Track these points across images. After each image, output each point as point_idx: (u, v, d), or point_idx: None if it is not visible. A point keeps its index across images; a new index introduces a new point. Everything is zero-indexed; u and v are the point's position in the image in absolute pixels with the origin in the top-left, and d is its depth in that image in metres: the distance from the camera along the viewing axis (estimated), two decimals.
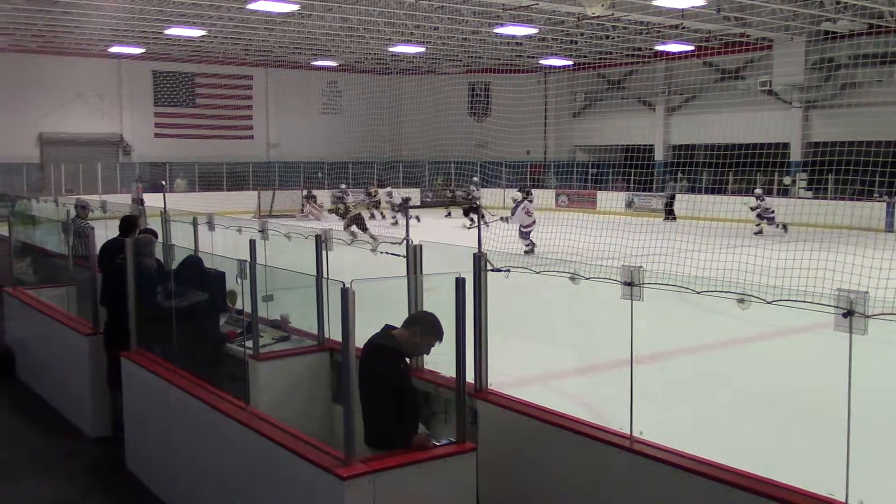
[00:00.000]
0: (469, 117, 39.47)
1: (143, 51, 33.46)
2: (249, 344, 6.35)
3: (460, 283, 4.65)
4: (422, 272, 5.70)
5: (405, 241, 6.01)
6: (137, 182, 32.23)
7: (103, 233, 8.56)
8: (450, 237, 19.03)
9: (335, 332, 5.93)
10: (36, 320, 9.15)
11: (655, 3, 23.15)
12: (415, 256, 5.71)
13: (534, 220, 20.87)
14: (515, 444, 5.08)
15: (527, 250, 19.82)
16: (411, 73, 38.67)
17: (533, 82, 38.70)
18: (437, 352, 4.96)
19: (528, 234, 20.41)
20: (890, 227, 25.08)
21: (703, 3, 23.68)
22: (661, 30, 28.23)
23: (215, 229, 8.62)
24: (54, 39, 31.09)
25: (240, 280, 6.18)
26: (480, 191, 32.73)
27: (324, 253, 6.41)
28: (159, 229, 8.96)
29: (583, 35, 30.52)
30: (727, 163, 28.18)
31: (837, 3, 23.93)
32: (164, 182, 31.59)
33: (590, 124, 38.08)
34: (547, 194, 34.98)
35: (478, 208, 28.95)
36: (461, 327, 4.60)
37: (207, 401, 5.62)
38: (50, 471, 6.98)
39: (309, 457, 4.50)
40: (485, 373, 5.31)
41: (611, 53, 33.87)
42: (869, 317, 3.48)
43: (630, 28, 28.52)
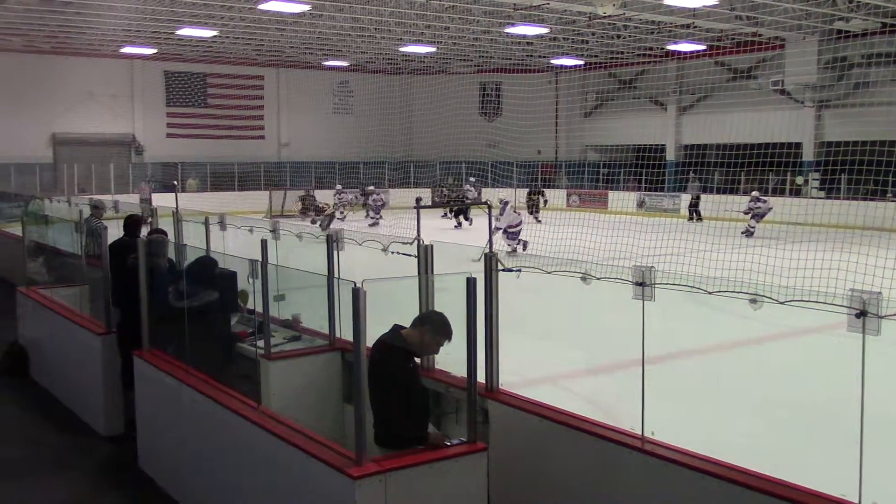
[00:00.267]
0: (480, 117, 39.42)
1: (155, 51, 33.59)
2: (261, 343, 6.37)
3: (471, 283, 4.65)
4: (433, 272, 5.70)
5: (416, 241, 6.01)
6: (148, 181, 32.34)
7: (116, 232, 8.59)
8: (461, 237, 18.98)
9: (346, 332, 5.94)
10: (49, 320, 9.20)
11: (667, 2, 23.01)
12: (426, 256, 5.72)
13: (521, 220, 20.57)
14: (526, 444, 5.07)
15: (510, 251, 19.10)
16: (422, 73, 38.63)
17: (544, 82, 38.58)
18: (447, 351, 4.96)
19: (517, 235, 19.95)
20: None
21: (715, 2, 23.56)
22: (673, 29, 28.12)
23: (227, 229, 8.66)
24: (67, 40, 31.22)
25: (251, 280, 6.21)
26: (476, 191, 32.65)
27: (335, 253, 6.42)
28: (171, 229, 9.00)
29: (594, 35, 30.44)
30: (739, 162, 28.08)
31: (850, 1, 23.77)
32: (175, 182, 31.71)
33: (601, 124, 37.94)
34: (558, 194, 34.97)
35: (467, 209, 29.03)
36: (472, 327, 4.60)
37: (219, 400, 5.65)
38: (63, 469, 7.02)
39: (320, 456, 4.51)
40: (496, 373, 5.31)
41: (622, 53, 33.74)
42: (882, 317, 3.46)
43: (641, 27, 28.43)
